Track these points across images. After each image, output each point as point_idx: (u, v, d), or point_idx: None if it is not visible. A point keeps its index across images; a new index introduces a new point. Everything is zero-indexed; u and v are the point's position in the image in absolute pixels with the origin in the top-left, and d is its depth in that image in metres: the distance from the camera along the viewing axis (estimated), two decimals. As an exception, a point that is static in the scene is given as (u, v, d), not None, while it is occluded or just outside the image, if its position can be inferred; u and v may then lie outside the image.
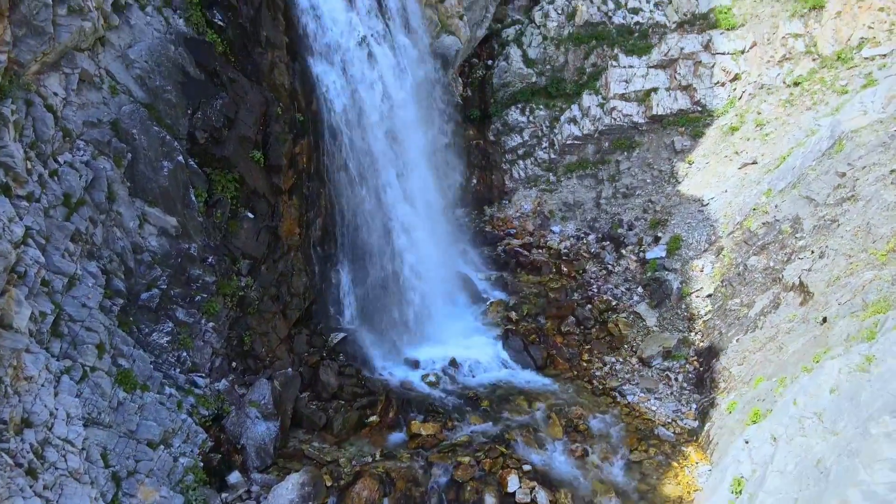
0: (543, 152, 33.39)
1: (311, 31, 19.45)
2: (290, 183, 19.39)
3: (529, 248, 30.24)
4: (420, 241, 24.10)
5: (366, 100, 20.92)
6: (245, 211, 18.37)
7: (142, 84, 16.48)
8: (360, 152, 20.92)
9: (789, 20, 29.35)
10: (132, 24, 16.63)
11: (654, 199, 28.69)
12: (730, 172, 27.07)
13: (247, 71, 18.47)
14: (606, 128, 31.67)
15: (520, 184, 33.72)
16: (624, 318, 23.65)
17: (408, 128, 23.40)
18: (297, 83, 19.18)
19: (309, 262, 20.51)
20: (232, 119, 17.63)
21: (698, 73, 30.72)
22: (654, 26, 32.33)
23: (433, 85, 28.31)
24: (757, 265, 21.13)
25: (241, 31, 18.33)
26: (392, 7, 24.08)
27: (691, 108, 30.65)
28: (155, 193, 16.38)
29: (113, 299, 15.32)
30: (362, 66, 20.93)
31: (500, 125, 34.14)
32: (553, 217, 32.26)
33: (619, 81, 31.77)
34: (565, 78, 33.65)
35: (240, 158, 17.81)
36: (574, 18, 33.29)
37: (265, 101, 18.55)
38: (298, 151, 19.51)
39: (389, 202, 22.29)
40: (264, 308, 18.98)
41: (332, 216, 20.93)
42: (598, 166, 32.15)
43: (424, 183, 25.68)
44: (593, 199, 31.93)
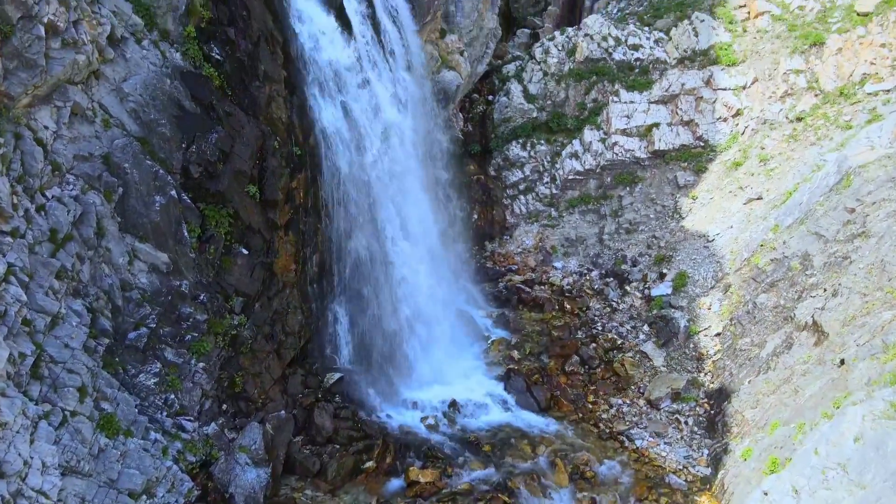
0: (545, 187, 33.06)
1: (309, 64, 19.24)
2: (286, 218, 18.91)
3: (531, 284, 29.62)
4: (420, 277, 23.52)
5: (365, 134, 20.61)
6: (239, 247, 17.84)
7: (136, 118, 16.15)
8: (359, 187, 20.51)
9: (790, 56, 29.37)
10: (128, 57, 16.39)
11: (658, 235, 28.20)
12: (735, 208, 26.64)
13: (244, 104, 18.18)
14: (608, 163, 31.41)
15: (521, 219, 33.30)
16: (630, 357, 22.89)
17: (407, 162, 23.06)
18: (294, 117, 18.88)
19: (305, 299, 19.89)
20: (227, 153, 17.25)
21: (700, 108, 30.60)
22: (655, 62, 32.38)
23: (433, 120, 28.13)
24: (767, 303, 20.49)
25: (238, 65, 18.10)
26: (392, 42, 24.01)
27: (693, 144, 30.43)
28: (146, 229, 15.88)
29: (98, 339, 14.65)
30: (361, 99, 20.69)
31: (500, 160, 33.92)
32: (555, 253, 31.74)
33: (621, 116, 31.65)
34: (566, 113, 33.57)
35: (234, 193, 17.36)
36: (574, 55, 33.38)
37: (262, 134, 18.21)
38: (295, 186, 19.09)
39: (388, 238, 21.79)
40: (258, 347, 18.28)
41: (329, 252, 20.39)
42: (600, 201, 31.77)
43: (424, 218, 25.24)
44: (596, 235, 31.46)
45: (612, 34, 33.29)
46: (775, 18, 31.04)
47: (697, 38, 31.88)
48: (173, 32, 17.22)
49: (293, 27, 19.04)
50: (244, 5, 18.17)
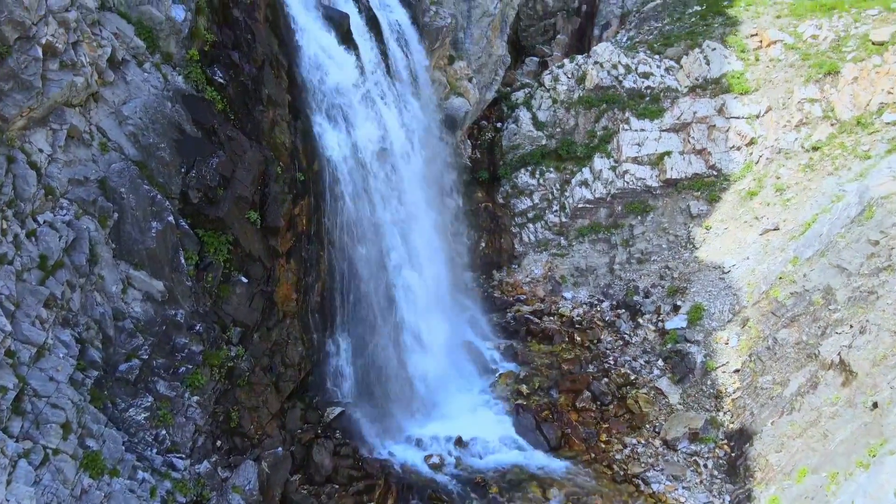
0: (554, 216, 32.43)
1: (315, 89, 18.83)
2: (287, 245, 18.28)
3: (540, 315, 28.77)
4: (425, 307, 22.76)
5: (370, 160, 20.09)
6: (238, 275, 17.18)
7: (135, 141, 15.66)
8: (364, 214, 19.91)
9: (804, 85, 28.88)
10: (128, 80, 15.98)
11: (672, 266, 27.39)
12: (750, 239, 25.86)
13: (246, 129, 17.72)
14: (619, 191, 30.78)
15: (530, 248, 32.60)
16: (644, 393, 21.91)
17: (414, 189, 22.50)
18: (298, 141, 18.40)
19: (306, 329, 19.14)
20: (228, 178, 16.72)
21: (712, 136, 30.05)
22: (666, 90, 31.97)
23: (441, 146, 27.68)
24: (788, 339, 19.57)
25: (242, 89, 17.69)
26: (400, 67, 23.67)
27: (706, 172, 29.80)
28: (141, 256, 15.26)
29: (86, 371, 13.92)
30: (368, 125, 20.22)
31: (509, 188, 33.38)
32: (564, 282, 30.94)
33: (632, 144, 31.13)
34: (576, 141, 33.10)
35: (235, 219, 16.77)
36: (584, 82, 33.04)
37: (264, 159, 17.70)
38: (298, 212, 18.51)
39: (393, 266, 21.11)
40: (255, 380, 17.49)
41: (331, 281, 19.71)
42: (610, 230, 31.07)
43: (430, 246, 24.57)
44: (606, 265, 30.68)
45: (622, 62, 32.99)
46: (788, 47, 30.66)
47: (709, 66, 31.51)
48: (176, 55, 16.85)
49: (299, 51, 18.67)
50: (249, 29, 17.84)
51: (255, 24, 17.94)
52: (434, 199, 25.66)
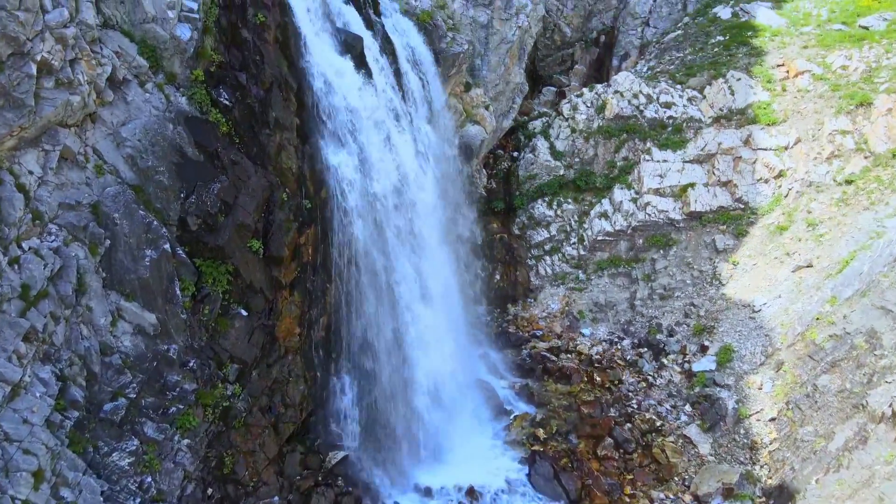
0: (572, 248, 31.18)
1: (325, 113, 17.98)
2: (291, 276, 17.21)
3: (557, 352, 27.33)
4: (436, 343, 21.47)
5: (381, 188, 19.11)
6: (238, 307, 16.09)
7: (132, 164, 14.80)
8: (373, 244, 18.84)
9: (835, 117, 27.70)
10: (129, 100, 15.20)
11: (697, 303, 25.94)
12: (782, 276, 24.42)
13: (252, 153, 16.84)
14: (640, 224, 29.53)
15: (546, 281, 31.30)
16: (672, 442, 20.31)
17: (427, 219, 21.45)
18: (305, 167, 17.47)
19: (309, 366, 17.93)
20: (230, 204, 15.77)
21: (739, 168, 28.84)
22: (689, 120, 30.94)
23: (456, 175, 26.73)
24: (829, 386, 18.02)
25: (248, 112, 16.87)
26: (415, 93, 22.87)
27: (732, 205, 28.51)
28: (133, 286, 14.25)
29: (66, 412, 12.78)
30: (379, 151, 19.29)
31: (525, 219, 32.27)
32: (583, 318, 29.53)
33: (653, 176, 29.98)
34: (595, 171, 32.04)
35: (235, 248, 15.76)
36: (604, 111, 32.12)
37: (269, 185, 16.76)
38: (303, 241, 17.48)
39: (403, 300, 19.93)
40: (252, 421, 16.26)
41: (338, 315, 18.55)
42: (631, 264, 29.73)
43: (443, 278, 23.41)
44: (627, 300, 29.27)
45: (643, 91, 32.08)
46: (816, 78, 29.60)
47: (734, 96, 30.48)
48: (180, 76, 16.09)
49: (309, 73, 17.88)
50: (258, 50, 17.10)
51: (264, 44, 17.21)
52: (448, 230, 24.59)
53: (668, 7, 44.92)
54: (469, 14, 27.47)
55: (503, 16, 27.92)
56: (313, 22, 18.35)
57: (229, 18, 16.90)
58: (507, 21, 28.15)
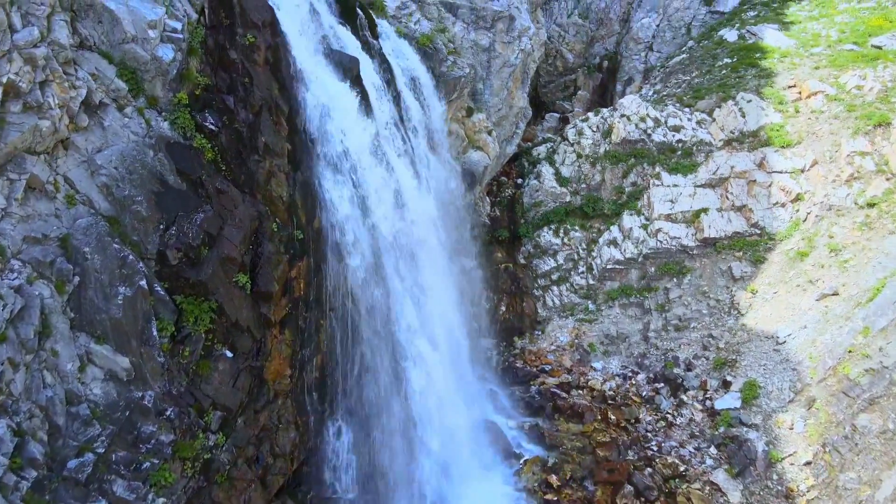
0: (580, 277, 29.87)
1: (318, 138, 16.90)
2: (282, 314, 15.89)
3: (568, 388, 25.79)
4: (439, 382, 20.03)
5: (379, 217, 17.92)
6: (222, 348, 14.74)
7: (107, 194, 13.63)
8: (370, 276, 17.57)
9: (852, 138, 26.62)
10: (106, 125, 14.10)
11: (716, 334, 24.47)
12: (805, 304, 23.00)
13: (239, 181, 15.70)
14: (652, 251, 28.25)
15: (554, 312, 29.92)
16: (698, 489, 18.67)
17: (428, 249, 20.22)
18: (297, 196, 16.31)
19: (301, 411, 16.49)
20: (214, 236, 14.55)
21: (753, 192, 27.67)
22: (699, 144, 29.94)
23: (458, 203, 25.59)
24: (870, 426, 16.48)
25: (236, 137, 15.79)
26: (414, 117, 21.86)
27: (748, 231, 27.25)
28: (105, 327, 12.94)
29: (22, 471, 11.36)
30: (377, 178, 18.17)
31: (531, 247, 31.06)
32: (594, 351, 28.05)
33: (664, 201, 28.82)
34: (602, 197, 30.96)
35: (220, 283, 14.49)
36: (610, 136, 31.15)
37: (258, 215, 15.58)
38: (295, 275, 16.21)
39: (404, 336, 18.56)
40: (237, 475, 14.76)
41: (332, 354, 17.18)
42: (643, 294, 28.37)
43: (445, 311, 22.10)
44: (640, 332, 27.82)
45: (650, 115, 31.15)
46: (830, 98, 28.63)
47: (745, 118, 29.51)
48: (162, 99, 15.04)
49: (301, 97, 16.86)
50: (247, 72, 16.10)
51: (253, 66, 16.22)
52: (450, 260, 23.35)
53: (671, 32, 44.52)
54: (470, 37, 26.68)
55: (505, 39, 27.13)
56: (306, 43, 17.41)
57: (216, 39, 15.95)
58: (509, 44, 27.36)
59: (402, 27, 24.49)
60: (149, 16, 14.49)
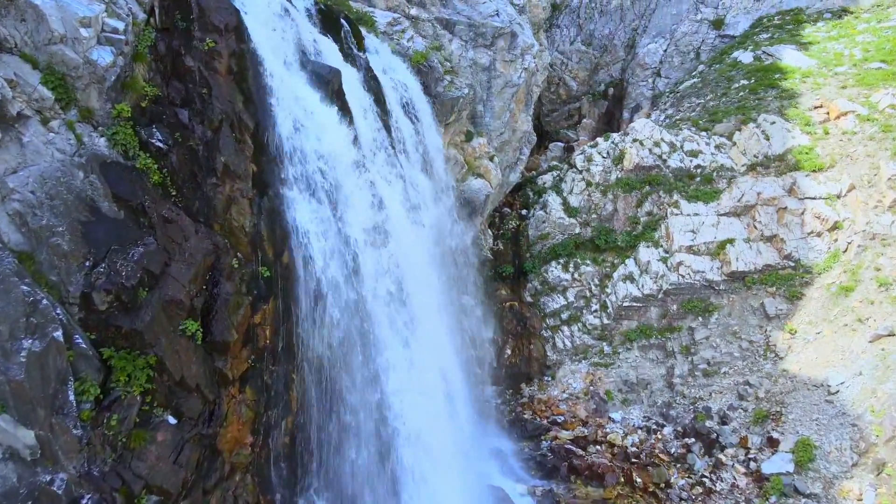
0: (594, 316, 27.03)
1: (290, 159, 14.39)
2: (242, 368, 13.11)
3: (584, 443, 22.71)
4: (434, 441, 17.06)
5: (363, 250, 15.26)
6: (163, 414, 11.92)
7: (20, 223, 11.04)
8: (352, 320, 14.82)
9: (892, 159, 24.11)
10: (24, 141, 11.59)
11: (753, 382, 21.49)
12: (857, 346, 20.09)
13: (193, 208, 13.12)
14: (673, 287, 25.47)
15: (566, 355, 26.99)
16: (750, 578, 15.58)
17: (421, 287, 17.51)
18: (263, 225, 13.69)
19: (265, 488, 13.52)
20: (157, 275, 11.89)
21: (784, 220, 25.02)
22: (719, 169, 27.48)
23: (457, 235, 22.97)
24: (962, 501, 13.41)
25: (190, 157, 13.27)
26: (406, 139, 19.43)
27: (781, 263, 24.51)
28: (3, 392, 10.15)
29: None
30: (361, 206, 15.58)
31: (538, 284, 28.31)
32: (611, 400, 25.00)
33: (684, 231, 26.18)
34: (615, 228, 28.34)
35: (162, 332, 11.76)
36: (622, 162, 28.73)
37: (214, 249, 12.94)
38: (259, 321, 13.48)
39: (392, 389, 15.70)
40: (179, 575, 11.73)
41: (305, 416, 14.30)
42: (665, 334, 25.47)
43: (442, 357, 19.27)
44: (663, 378, 24.83)
45: (665, 139, 28.79)
46: (862, 119, 26.26)
47: (769, 141, 27.10)
48: (99, 111, 12.57)
49: (271, 111, 14.40)
50: (206, 82, 13.69)
51: (213, 75, 13.82)
52: (448, 299, 20.61)
53: (679, 57, 42.68)
54: (469, 56, 24.51)
55: (507, 57, 24.96)
56: (278, 50, 15.05)
57: (169, 43, 13.59)
58: (511, 63, 25.18)
59: (394, 44, 22.31)
60: (81, 12, 12.14)
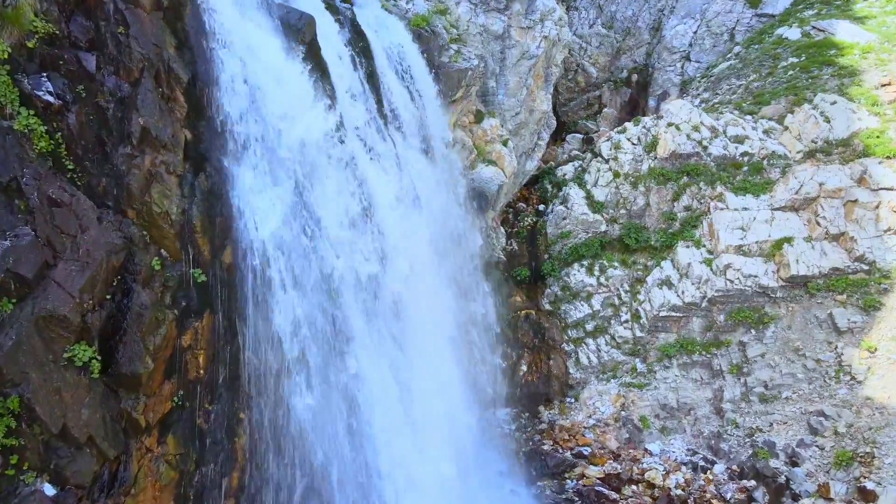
0: (624, 328, 23.18)
1: (239, 124, 10.72)
2: (162, 410, 9.49)
3: (618, 482, 18.91)
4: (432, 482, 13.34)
5: (339, 246, 11.57)
6: (35, 480, 8.28)
7: None
8: (322, 339, 11.12)
9: (985, 142, 20.12)
10: None
11: (829, 412, 17.59)
12: (962, 371, 16.15)
13: (96, 187, 9.51)
14: (720, 294, 21.57)
15: (591, 373, 23.17)
16: None
17: (418, 293, 13.79)
18: (196, 212, 10.04)
19: (196, 573, 9.83)
20: (29, 280, 8.27)
21: (854, 216, 21.08)
22: (770, 157, 23.56)
23: (464, 231, 19.27)
24: None
25: (96, 117, 9.68)
26: (402, 114, 15.74)
27: (851, 267, 20.56)
28: None
29: None
30: (336, 189, 11.89)
31: (558, 289, 24.50)
32: (647, 427, 21.15)
33: (732, 229, 22.29)
34: (647, 225, 24.48)
35: (32, 363, 8.15)
36: (655, 150, 24.84)
37: (125, 244, 9.32)
38: (189, 344, 9.83)
39: (377, 431, 11.98)
40: None
41: (258, 471, 10.59)
42: (711, 350, 21.58)
43: (444, 377, 15.60)
44: (709, 402, 20.93)
45: (705, 123, 24.90)
46: (942, 96, 22.28)
47: (829, 124, 23.13)
48: (-41, 50, 9.02)
49: (215, 61, 10.75)
50: (122, 19, 10.10)
51: (133, 10, 10.21)
52: (452, 307, 16.92)
53: (711, 38, 38.70)
54: (479, 21, 20.81)
55: (524, 23, 21.23)
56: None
57: (71, -36, 9.99)
58: (528, 30, 21.45)
59: (391, 5, 18.68)
60: None
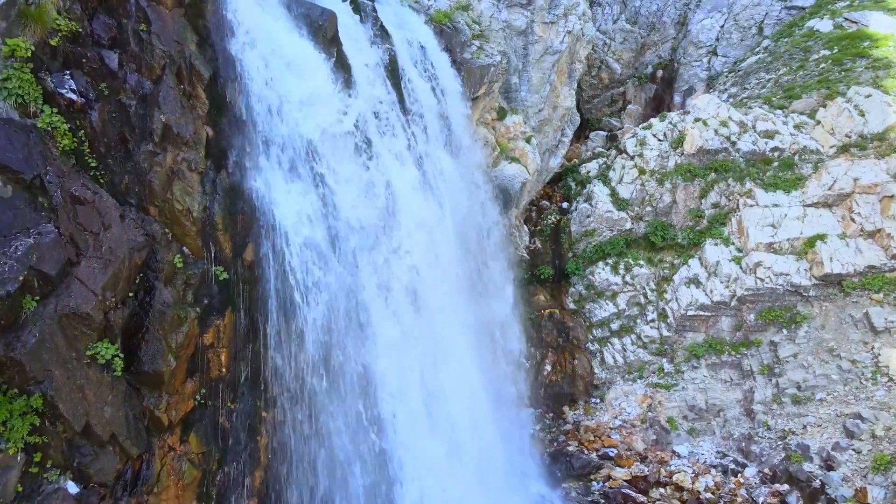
0: (650, 327, 22.74)
1: (261, 121, 10.65)
2: (184, 408, 9.44)
3: (645, 485, 18.50)
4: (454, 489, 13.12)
5: (361, 244, 11.45)
6: (58, 478, 8.28)
7: None
8: (345, 339, 11.00)
9: None
10: None
11: (865, 414, 17.01)
12: None
13: (119, 185, 9.49)
14: (750, 292, 21.02)
15: (617, 373, 22.77)
16: None
17: (441, 292, 13.60)
18: (218, 209, 9.99)
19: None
20: (53, 278, 8.27)
21: (891, 212, 20.37)
22: (802, 152, 22.90)
23: (486, 229, 19.04)
24: None
25: (119, 115, 9.67)
26: (425, 111, 15.56)
27: (888, 264, 19.88)
28: None
29: None
30: (359, 187, 11.76)
31: (582, 288, 24.15)
32: (675, 429, 20.70)
33: (762, 226, 21.71)
34: (674, 223, 23.99)
35: (56, 361, 8.15)
36: (682, 146, 24.33)
37: (147, 241, 9.29)
38: (211, 342, 9.78)
39: (398, 426, 11.85)
40: None
41: (283, 470, 10.51)
42: (740, 350, 21.06)
43: (465, 378, 15.35)
44: (740, 403, 20.41)
45: (733, 118, 24.31)
46: (984, 87, 21.43)
47: (864, 118, 22.41)
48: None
49: (237, 57, 10.70)
50: (144, 16, 10.09)
51: (154, 7, 10.19)
52: (474, 307, 16.69)
53: (739, 33, 37.90)
54: (501, 17, 20.55)
55: (547, 18, 20.91)
56: (248, -20, 11.35)
57: (94, -37, 10.00)
58: (551, 25, 21.11)
59: (413, 1, 18.53)
60: None
